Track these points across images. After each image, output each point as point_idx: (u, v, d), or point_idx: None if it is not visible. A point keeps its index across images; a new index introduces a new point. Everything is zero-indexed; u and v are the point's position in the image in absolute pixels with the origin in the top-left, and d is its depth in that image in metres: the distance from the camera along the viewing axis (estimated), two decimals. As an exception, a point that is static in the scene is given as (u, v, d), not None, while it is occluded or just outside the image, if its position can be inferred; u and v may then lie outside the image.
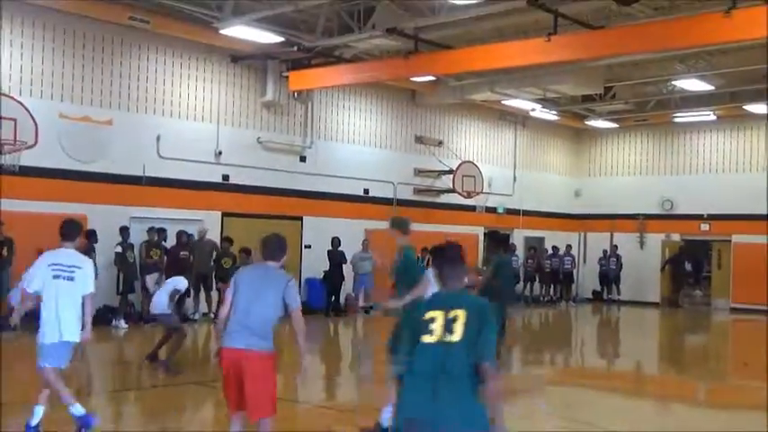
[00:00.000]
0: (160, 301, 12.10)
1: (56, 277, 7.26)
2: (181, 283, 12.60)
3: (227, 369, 6.05)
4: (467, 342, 4.21)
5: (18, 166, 15.39)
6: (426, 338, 4.32)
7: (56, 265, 7.31)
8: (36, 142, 15.43)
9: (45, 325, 7.18)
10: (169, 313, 12.19)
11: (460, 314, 4.30)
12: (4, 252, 13.98)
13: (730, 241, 26.96)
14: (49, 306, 7.19)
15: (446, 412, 4.17)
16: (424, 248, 16.31)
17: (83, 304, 7.43)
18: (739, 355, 18.29)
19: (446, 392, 4.17)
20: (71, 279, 7.31)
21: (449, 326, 4.29)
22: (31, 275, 7.43)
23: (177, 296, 12.55)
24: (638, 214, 28.87)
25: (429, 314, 4.43)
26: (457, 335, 4.23)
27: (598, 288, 28.75)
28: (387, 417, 7.86)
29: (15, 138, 15.10)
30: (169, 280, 12.90)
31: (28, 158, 15.47)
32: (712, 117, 26.81)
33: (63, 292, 7.23)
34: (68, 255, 7.51)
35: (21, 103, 15.41)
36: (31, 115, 15.37)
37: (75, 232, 7.77)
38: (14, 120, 15.14)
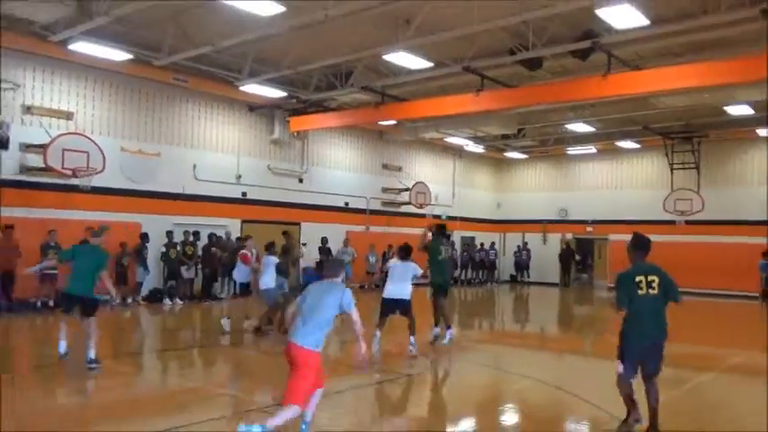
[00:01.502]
0: (264, 280, 11.36)
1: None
2: (275, 260, 11.66)
3: (288, 358, 5.51)
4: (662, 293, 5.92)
5: (90, 186, 15.32)
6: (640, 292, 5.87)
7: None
8: (103, 169, 15.37)
9: None
10: (272, 288, 11.40)
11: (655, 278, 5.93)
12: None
13: (607, 239, 27.25)
14: None
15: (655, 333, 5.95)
16: (389, 245, 16.38)
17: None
18: (612, 320, 18.53)
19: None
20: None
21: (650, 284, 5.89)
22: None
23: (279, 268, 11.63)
24: (542, 220, 29.00)
25: (638, 278, 5.91)
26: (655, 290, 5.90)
27: (514, 273, 29.00)
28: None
29: (88, 165, 15.04)
30: (266, 260, 11.64)
31: (97, 181, 15.41)
32: (594, 150, 27.10)
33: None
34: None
35: (92, 140, 15.35)
36: (99, 149, 15.32)
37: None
38: (87, 152, 15.08)
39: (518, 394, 8.24)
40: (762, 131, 22.44)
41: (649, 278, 5.94)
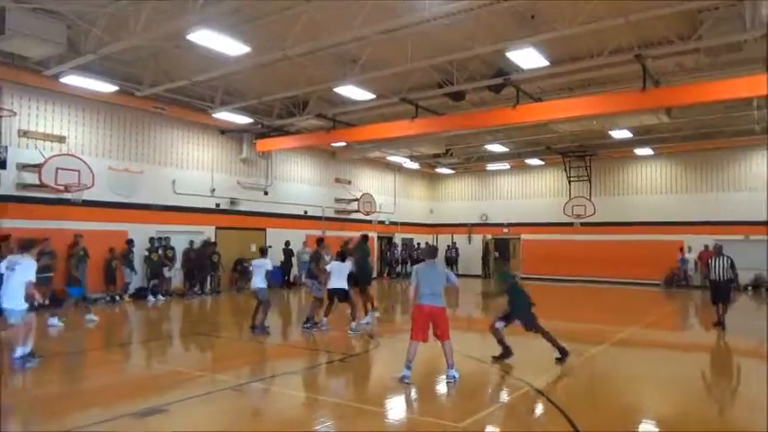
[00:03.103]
0: (256, 281, 10.75)
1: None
2: (269, 264, 11.00)
3: (422, 316, 6.99)
4: None
5: (81, 200, 14.80)
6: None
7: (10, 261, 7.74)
8: (93, 185, 14.86)
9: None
10: (264, 287, 10.75)
11: None
12: (81, 253, 13.40)
13: (520, 238, 27.87)
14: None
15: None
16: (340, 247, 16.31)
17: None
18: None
19: None
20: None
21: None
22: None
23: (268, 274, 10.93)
24: (467, 223, 29.37)
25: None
26: None
27: (445, 266, 29.19)
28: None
29: (79, 182, 14.52)
30: (257, 263, 10.94)
31: (88, 195, 14.91)
32: (507, 166, 27.66)
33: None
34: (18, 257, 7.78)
35: (83, 160, 14.84)
36: (89, 168, 14.81)
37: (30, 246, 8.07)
38: (78, 171, 14.56)
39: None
40: (638, 151, 23.42)
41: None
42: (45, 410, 6.11)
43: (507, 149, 23.80)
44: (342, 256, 11.29)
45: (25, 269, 7.57)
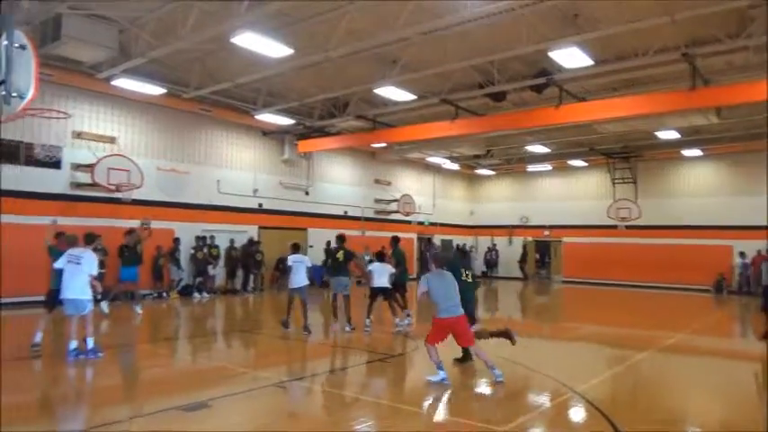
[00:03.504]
0: (298, 278, 10.52)
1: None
2: (307, 259, 10.88)
3: (444, 327, 6.92)
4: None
5: (131, 199, 15.29)
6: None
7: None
8: (142, 185, 15.35)
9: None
10: (306, 286, 10.56)
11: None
12: (138, 250, 13.82)
13: (561, 241, 27.42)
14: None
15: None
16: (382, 246, 16.26)
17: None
18: (567, 308, 18.62)
19: None
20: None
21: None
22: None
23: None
24: (508, 225, 29.15)
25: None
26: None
27: (485, 269, 28.97)
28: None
29: (129, 182, 15.02)
30: (296, 259, 10.64)
31: (137, 194, 15.39)
32: (549, 168, 27.29)
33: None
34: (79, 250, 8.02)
35: (133, 161, 15.35)
36: (139, 168, 15.33)
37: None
38: (128, 171, 15.10)
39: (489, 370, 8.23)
40: (686, 152, 22.68)
41: (467, 271, 7.91)
42: (99, 400, 6.34)
43: (549, 150, 23.41)
44: (380, 257, 11.59)
45: (89, 262, 7.95)
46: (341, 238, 11.57)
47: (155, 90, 14.80)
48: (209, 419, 5.59)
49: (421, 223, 26.55)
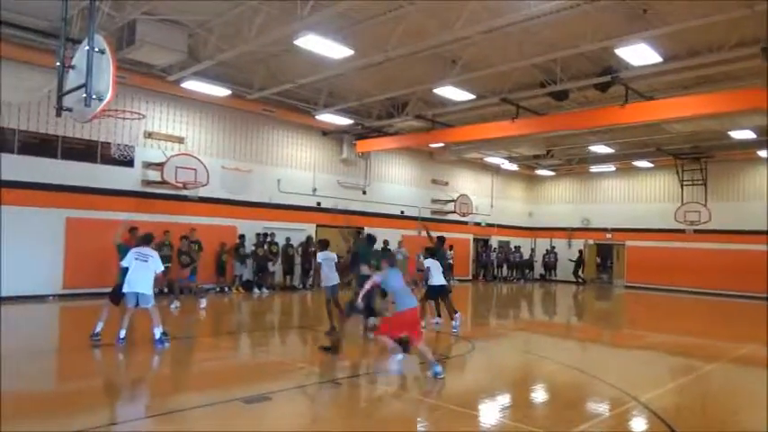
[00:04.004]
0: (330, 277, 9.86)
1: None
2: (335, 256, 10.19)
3: (408, 319, 7.06)
4: None
5: (197, 196, 15.83)
6: None
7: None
8: (208, 183, 15.89)
9: None
10: (337, 284, 9.86)
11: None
12: (196, 248, 14.37)
13: (624, 245, 26.50)
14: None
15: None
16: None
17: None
18: (630, 314, 17.96)
19: None
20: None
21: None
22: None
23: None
24: (567, 227, 28.47)
25: None
26: None
27: (543, 272, 28.35)
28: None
29: (195, 180, 15.57)
30: (325, 256, 9.97)
31: (203, 192, 15.94)
32: (612, 169, 26.45)
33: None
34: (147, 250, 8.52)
35: (199, 160, 15.91)
36: (205, 167, 15.87)
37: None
38: (195, 169, 15.64)
39: (548, 375, 8.07)
40: (762, 153, 21.43)
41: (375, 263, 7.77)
42: (164, 389, 6.60)
43: (612, 151, 22.64)
44: (432, 253, 11.46)
45: (156, 261, 8.58)
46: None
47: (221, 91, 15.28)
48: (269, 412, 5.71)
49: (478, 224, 26.27)
